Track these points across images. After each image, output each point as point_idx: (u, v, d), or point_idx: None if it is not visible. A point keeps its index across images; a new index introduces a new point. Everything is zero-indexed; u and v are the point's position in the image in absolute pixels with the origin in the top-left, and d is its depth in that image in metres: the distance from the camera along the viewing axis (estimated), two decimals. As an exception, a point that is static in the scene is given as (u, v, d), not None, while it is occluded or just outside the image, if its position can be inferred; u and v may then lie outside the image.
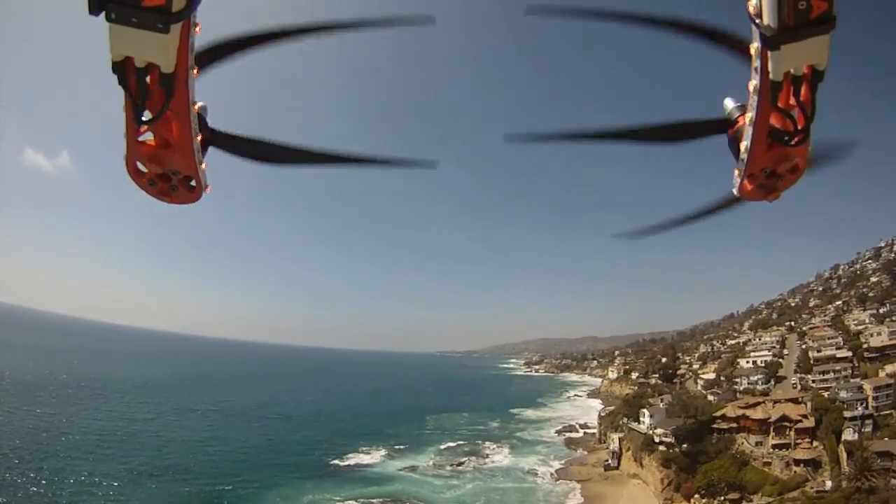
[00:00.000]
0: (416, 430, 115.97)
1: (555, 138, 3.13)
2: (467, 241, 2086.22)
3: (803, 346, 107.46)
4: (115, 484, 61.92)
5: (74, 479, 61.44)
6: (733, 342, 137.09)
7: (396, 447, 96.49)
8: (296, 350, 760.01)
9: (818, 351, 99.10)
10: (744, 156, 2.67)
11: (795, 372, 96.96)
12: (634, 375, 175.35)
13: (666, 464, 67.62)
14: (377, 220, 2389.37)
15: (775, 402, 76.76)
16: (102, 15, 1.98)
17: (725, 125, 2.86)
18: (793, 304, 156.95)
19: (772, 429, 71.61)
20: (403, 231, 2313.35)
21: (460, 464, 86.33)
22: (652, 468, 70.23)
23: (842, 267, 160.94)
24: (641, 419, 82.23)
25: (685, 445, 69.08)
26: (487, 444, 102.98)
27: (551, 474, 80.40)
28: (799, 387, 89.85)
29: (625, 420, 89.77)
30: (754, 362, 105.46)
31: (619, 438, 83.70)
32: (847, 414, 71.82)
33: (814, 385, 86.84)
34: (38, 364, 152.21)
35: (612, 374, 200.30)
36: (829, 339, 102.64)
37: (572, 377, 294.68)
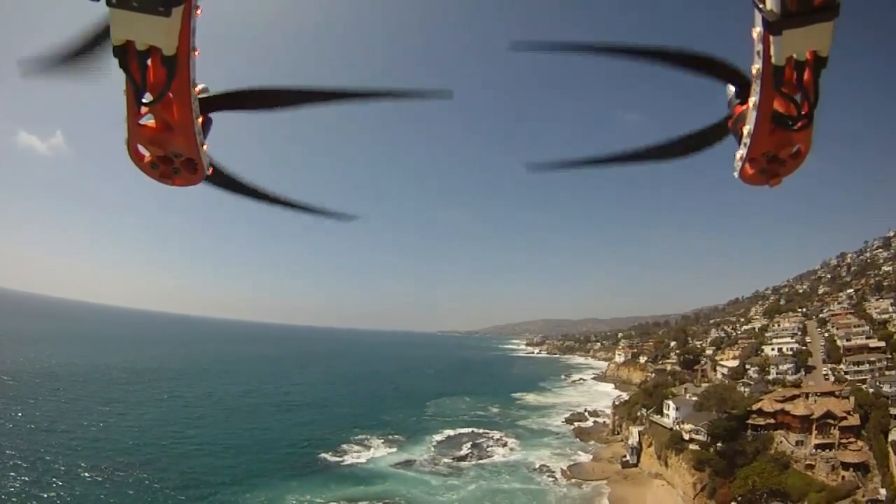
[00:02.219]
0: (415, 417, 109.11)
1: (571, 165, 3.12)
2: (469, 220, 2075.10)
3: (826, 335, 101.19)
4: (75, 490, 53.97)
5: (20, 482, 53.54)
6: (748, 327, 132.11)
7: (392, 437, 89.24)
8: (292, 330, 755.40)
9: (847, 340, 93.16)
10: (746, 140, 2.62)
11: (824, 362, 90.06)
12: (643, 360, 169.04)
13: (699, 466, 59.33)
14: (377, 197, 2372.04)
15: (816, 395, 68.84)
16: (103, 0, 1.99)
17: (727, 123, 2.81)
18: (801, 291, 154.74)
19: (814, 426, 63.79)
20: (405, 209, 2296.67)
21: (461, 458, 78.63)
22: (681, 469, 62.23)
23: (849, 255, 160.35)
24: (665, 412, 74.21)
25: (719, 444, 60.87)
26: (491, 434, 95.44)
27: (563, 471, 72.46)
28: (832, 378, 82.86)
29: (644, 411, 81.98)
30: (780, 350, 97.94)
31: (639, 432, 75.77)
32: (893, 411, 64.60)
33: (847, 377, 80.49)
34: (17, 349, 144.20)
35: (619, 358, 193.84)
36: (855, 327, 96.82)
37: (576, 359, 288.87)
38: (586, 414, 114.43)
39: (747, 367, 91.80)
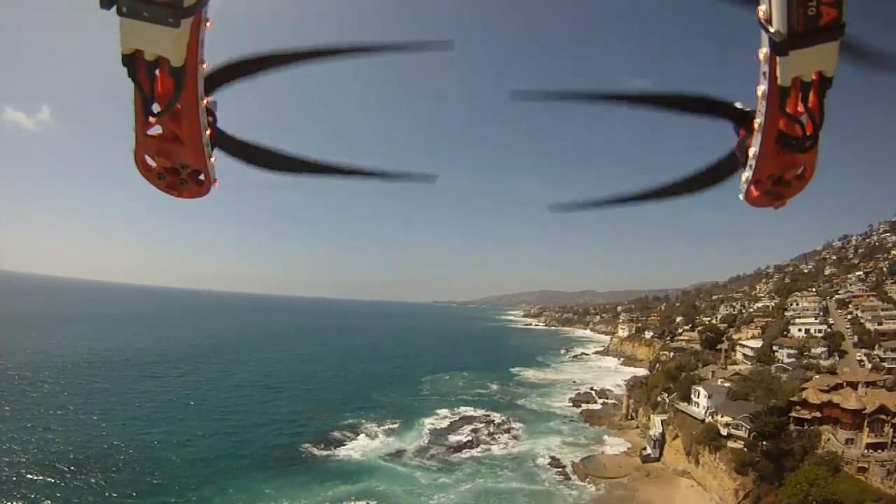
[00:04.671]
0: (410, 397, 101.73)
1: (592, 205, 3.12)
2: (466, 189, 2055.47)
3: (850, 317, 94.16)
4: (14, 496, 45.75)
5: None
6: (760, 305, 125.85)
7: (384, 421, 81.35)
8: (284, 301, 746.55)
9: (878, 323, 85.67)
10: (751, 161, 2.62)
11: (856, 346, 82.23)
12: (648, 335, 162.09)
13: (741, 468, 51.13)
14: (371, 159, 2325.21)
15: (865, 386, 60.73)
16: (114, 9, 1.99)
17: (737, 158, 2.77)
18: (806, 271, 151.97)
19: (865, 423, 55.75)
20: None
21: (456, 448, 70.50)
22: (717, 470, 54.02)
23: (854, 238, 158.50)
24: (694, 399, 65.91)
25: (765, 443, 52.47)
26: (490, 416, 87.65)
27: (574, 465, 64.63)
28: (868, 364, 75.27)
29: (664, 396, 73.93)
30: (807, 331, 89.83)
31: (663, 422, 67.67)
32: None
33: (884, 364, 73.10)
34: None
35: (622, 332, 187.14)
36: (883, 310, 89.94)
37: (576, 332, 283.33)
38: (594, 394, 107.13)
39: (774, 348, 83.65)
